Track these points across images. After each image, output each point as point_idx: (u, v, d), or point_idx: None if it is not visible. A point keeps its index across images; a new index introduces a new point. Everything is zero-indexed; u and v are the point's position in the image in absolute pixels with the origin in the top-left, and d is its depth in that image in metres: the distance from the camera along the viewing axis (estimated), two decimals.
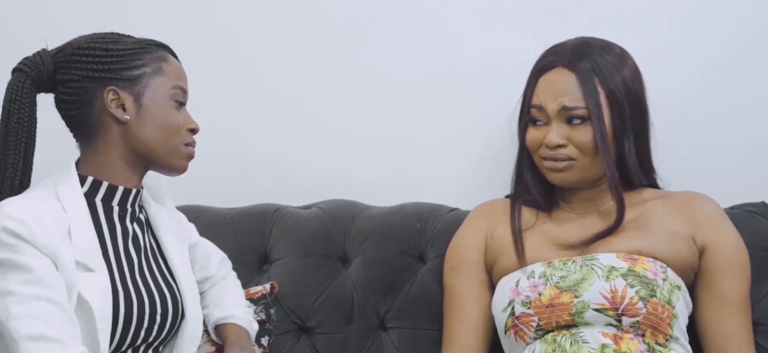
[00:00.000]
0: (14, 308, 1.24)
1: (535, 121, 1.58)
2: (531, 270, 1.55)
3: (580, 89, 1.53)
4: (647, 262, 1.50)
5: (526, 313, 1.51)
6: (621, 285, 1.47)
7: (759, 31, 1.88)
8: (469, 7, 1.95)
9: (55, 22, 1.94)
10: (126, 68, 1.39)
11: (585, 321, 1.48)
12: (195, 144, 1.46)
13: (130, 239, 1.43)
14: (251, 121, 1.96)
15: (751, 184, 1.62)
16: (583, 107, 1.52)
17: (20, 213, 1.28)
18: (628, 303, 1.46)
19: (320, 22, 1.97)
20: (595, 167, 1.55)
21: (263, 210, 1.84)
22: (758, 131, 1.87)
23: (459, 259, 1.66)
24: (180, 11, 1.97)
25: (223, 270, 1.66)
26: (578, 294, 1.48)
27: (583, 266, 1.51)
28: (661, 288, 1.48)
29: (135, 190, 1.44)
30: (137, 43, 1.42)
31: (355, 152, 1.97)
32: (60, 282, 1.27)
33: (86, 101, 1.39)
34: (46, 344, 1.23)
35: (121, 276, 1.38)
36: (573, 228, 1.60)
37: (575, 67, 1.54)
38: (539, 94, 1.57)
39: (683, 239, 1.55)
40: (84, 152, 1.43)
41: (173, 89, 1.42)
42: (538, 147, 1.58)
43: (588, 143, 1.53)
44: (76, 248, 1.32)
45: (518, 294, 1.53)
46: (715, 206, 1.59)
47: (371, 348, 1.73)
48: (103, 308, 1.31)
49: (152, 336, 1.41)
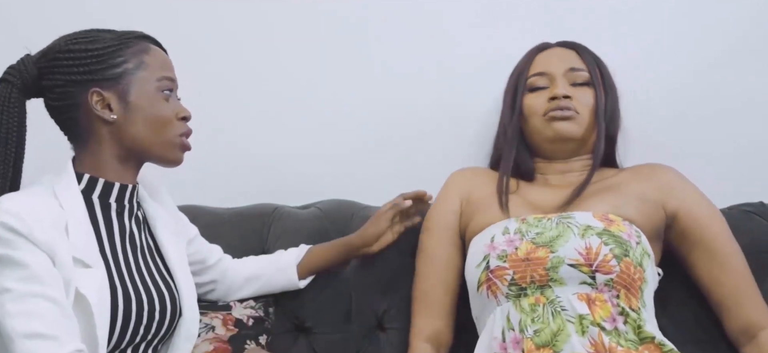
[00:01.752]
0: (10, 305, 1.24)
1: (535, 88, 1.68)
2: (505, 226, 1.57)
3: (581, 59, 1.69)
4: (623, 224, 1.53)
5: (501, 267, 1.52)
6: (596, 242, 1.49)
7: (756, 32, 1.89)
8: (469, 7, 1.96)
9: (55, 22, 1.94)
10: (107, 67, 1.38)
11: (559, 277, 1.49)
12: (190, 133, 1.45)
13: (126, 237, 1.43)
14: (249, 121, 1.97)
15: (749, 184, 1.62)
16: (587, 71, 1.67)
17: (18, 209, 1.28)
18: (602, 260, 1.48)
19: (319, 21, 1.97)
20: (590, 131, 1.66)
21: (261, 210, 1.85)
22: (756, 132, 1.88)
23: (434, 220, 1.70)
24: (179, 11, 1.98)
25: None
26: (554, 249, 1.50)
27: (559, 223, 1.54)
28: (634, 250, 1.50)
29: (131, 186, 1.44)
30: (116, 38, 1.40)
31: (354, 153, 1.97)
32: (57, 279, 1.27)
33: (73, 105, 1.38)
34: (41, 342, 1.23)
35: (119, 273, 1.38)
36: (550, 194, 1.65)
37: (572, 47, 1.72)
38: (541, 63, 1.69)
39: (653, 204, 1.60)
40: (78, 151, 1.43)
41: (159, 81, 1.41)
42: (539, 107, 1.66)
43: (590, 105, 1.66)
44: (74, 244, 1.31)
45: (494, 248, 1.55)
46: (675, 173, 1.65)
47: (369, 348, 1.73)
48: (101, 303, 1.31)
49: (151, 334, 1.41)
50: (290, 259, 1.69)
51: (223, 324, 1.62)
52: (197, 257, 1.62)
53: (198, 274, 1.62)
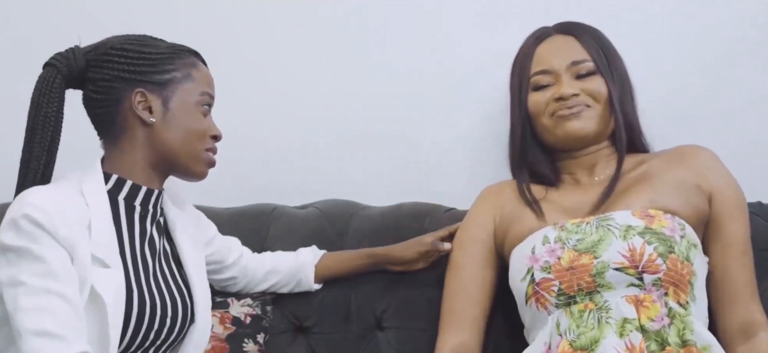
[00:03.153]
0: (23, 300, 1.25)
1: (539, 86, 1.62)
2: (544, 235, 1.54)
3: (583, 47, 1.62)
4: (664, 219, 1.50)
5: (546, 278, 1.50)
6: (638, 242, 1.46)
7: (755, 32, 1.88)
8: (469, 6, 1.96)
9: (56, 23, 1.96)
10: (156, 72, 1.41)
11: (606, 282, 1.46)
12: (216, 151, 1.49)
13: (146, 240, 1.44)
14: (248, 120, 1.96)
15: (748, 184, 1.61)
16: (591, 60, 1.60)
17: (43, 203, 1.29)
18: (647, 260, 1.45)
19: (319, 21, 1.98)
20: (606, 119, 1.61)
21: (260, 210, 1.85)
22: (754, 131, 1.87)
23: (466, 236, 1.67)
24: (177, 9, 1.98)
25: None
26: (597, 254, 1.47)
27: (598, 227, 1.51)
28: (679, 245, 1.47)
29: (157, 191, 1.46)
30: (170, 47, 1.45)
31: (353, 152, 1.97)
32: (73, 277, 1.28)
33: (114, 101, 1.41)
34: (48, 340, 1.23)
35: (136, 276, 1.39)
36: (582, 195, 1.61)
37: (571, 32, 1.64)
38: (541, 59, 1.62)
39: (693, 188, 1.57)
40: (108, 150, 1.44)
41: (201, 96, 1.45)
42: (545, 107, 1.61)
43: (601, 92, 1.60)
44: (95, 243, 1.33)
45: (536, 260, 1.52)
46: (710, 153, 1.62)
47: (368, 348, 1.73)
48: (116, 304, 1.32)
49: (161, 339, 1.42)
50: (307, 259, 1.71)
51: (221, 322, 1.62)
52: (216, 258, 1.63)
53: (217, 272, 1.64)
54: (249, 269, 1.68)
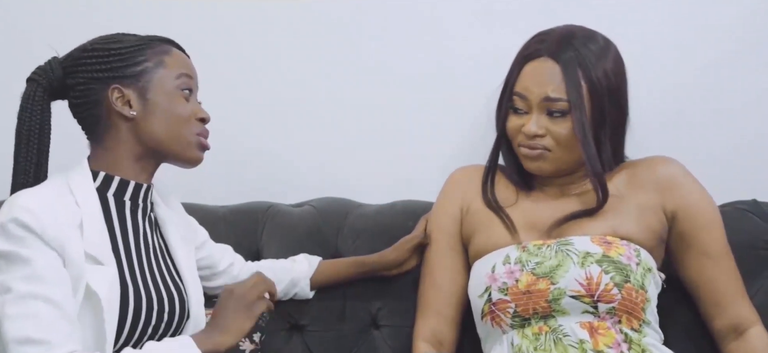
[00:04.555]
0: (9, 307, 1.25)
1: (517, 109, 1.60)
2: (506, 254, 1.56)
3: (564, 81, 1.54)
4: (621, 246, 1.52)
5: (503, 299, 1.52)
6: (596, 271, 1.48)
7: (753, 32, 1.88)
8: (465, 5, 1.95)
9: (56, 23, 1.97)
10: (128, 65, 1.41)
11: (561, 308, 1.49)
12: (207, 134, 1.48)
13: (140, 236, 1.44)
14: (243, 118, 1.96)
15: (742, 182, 1.62)
16: (566, 100, 1.53)
17: (31, 204, 1.29)
18: (603, 290, 1.47)
19: (315, 19, 1.97)
20: (570, 158, 1.58)
21: (255, 208, 1.85)
22: (750, 130, 1.87)
23: (434, 225, 1.69)
24: (174, 8, 1.98)
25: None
26: (555, 280, 1.49)
27: (558, 251, 1.52)
28: (635, 273, 1.49)
29: (146, 185, 1.45)
30: (139, 40, 1.44)
31: (348, 150, 1.97)
32: (62, 279, 1.28)
33: (94, 102, 1.41)
34: (30, 347, 1.23)
35: (131, 271, 1.39)
36: (550, 210, 1.61)
37: (560, 59, 1.55)
38: (523, 82, 1.58)
39: (652, 211, 1.57)
40: (94, 149, 1.44)
41: (178, 79, 1.43)
42: (516, 134, 1.60)
43: (565, 137, 1.55)
44: (87, 241, 1.33)
45: (495, 280, 1.54)
46: (678, 168, 1.61)
47: (363, 346, 1.73)
48: (111, 300, 1.31)
49: (158, 334, 1.41)
50: (303, 270, 1.71)
51: None
52: (207, 263, 1.63)
53: (209, 279, 1.63)
54: (241, 278, 1.65)
